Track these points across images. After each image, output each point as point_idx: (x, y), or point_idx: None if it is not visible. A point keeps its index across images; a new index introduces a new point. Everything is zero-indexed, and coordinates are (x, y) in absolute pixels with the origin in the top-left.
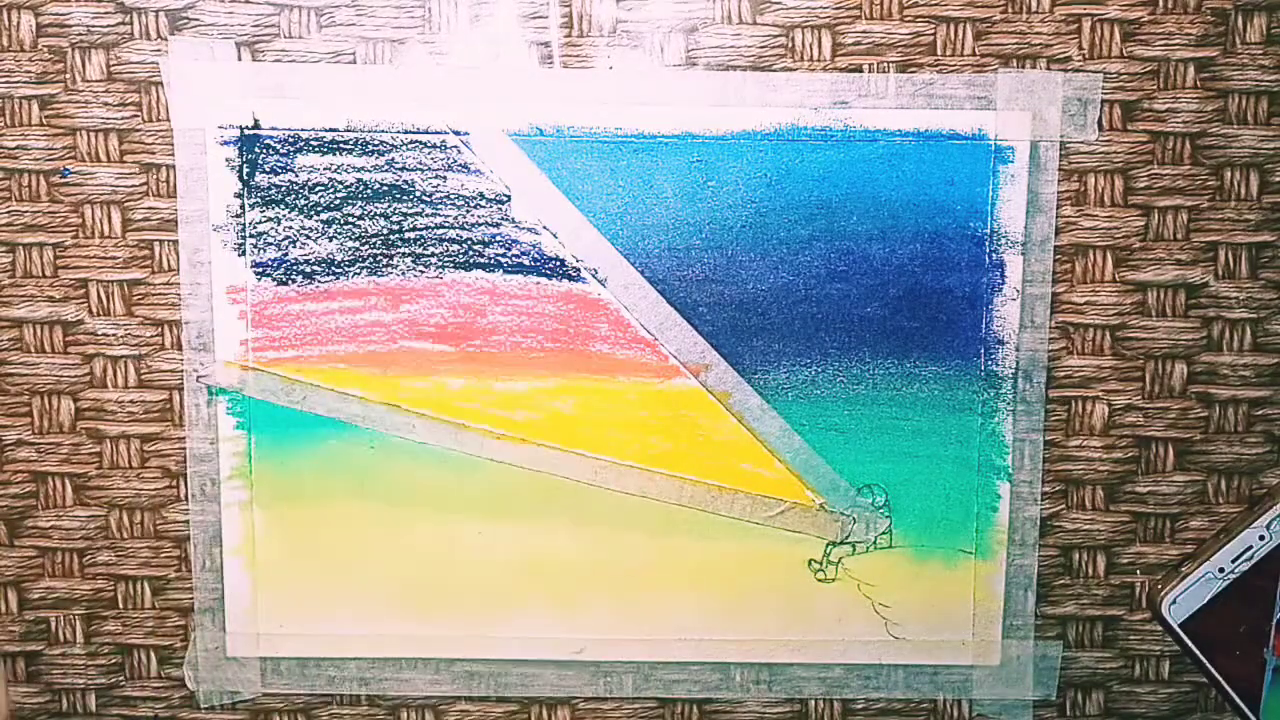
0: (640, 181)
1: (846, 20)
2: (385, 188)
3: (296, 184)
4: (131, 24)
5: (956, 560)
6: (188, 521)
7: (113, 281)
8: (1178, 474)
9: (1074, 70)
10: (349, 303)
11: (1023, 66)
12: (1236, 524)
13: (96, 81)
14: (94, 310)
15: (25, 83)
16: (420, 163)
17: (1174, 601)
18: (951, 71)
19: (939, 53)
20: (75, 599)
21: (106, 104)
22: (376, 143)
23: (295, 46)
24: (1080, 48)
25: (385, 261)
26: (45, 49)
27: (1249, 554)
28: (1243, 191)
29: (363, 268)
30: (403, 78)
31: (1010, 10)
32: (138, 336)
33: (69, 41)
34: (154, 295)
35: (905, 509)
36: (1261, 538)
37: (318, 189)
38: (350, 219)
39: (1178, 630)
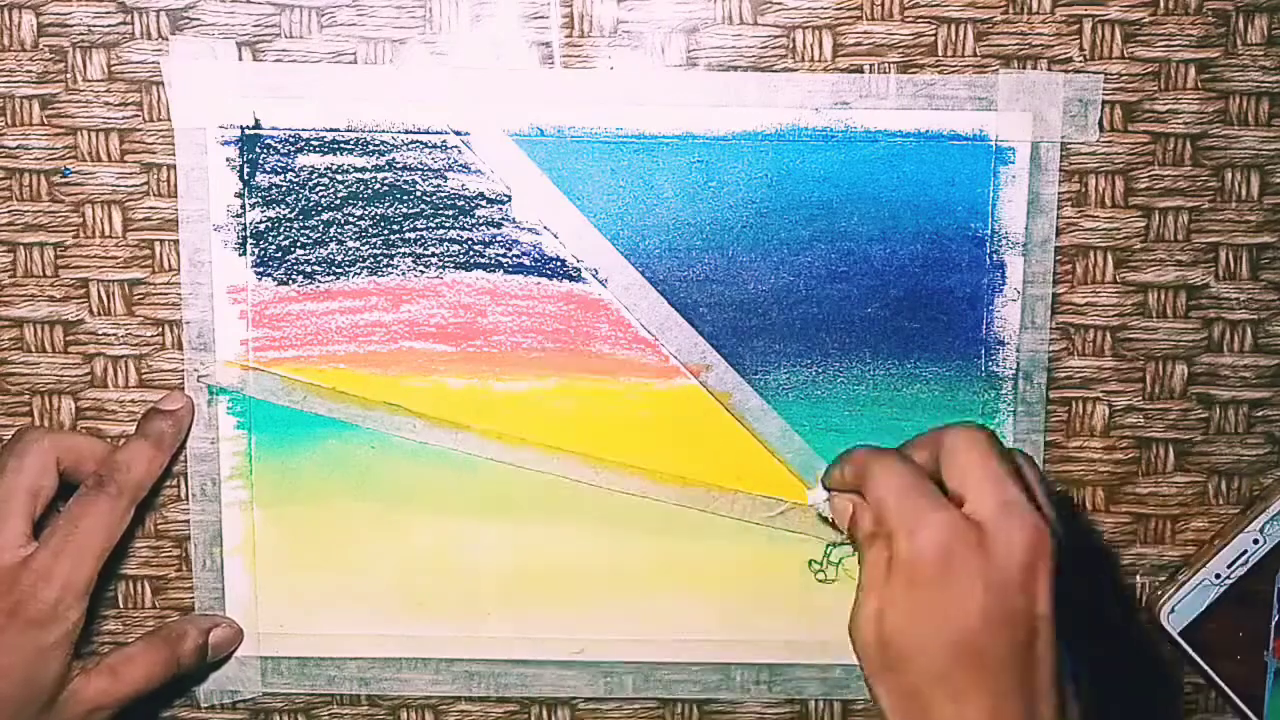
0: (641, 182)
1: (847, 21)
2: (386, 188)
3: (297, 184)
4: (132, 24)
5: None
6: (188, 521)
7: (113, 281)
8: (1178, 475)
9: (1075, 71)
10: (349, 303)
11: (1024, 67)
12: (1230, 528)
13: (97, 81)
14: (94, 310)
15: (26, 82)
16: (421, 163)
17: (1172, 610)
18: (952, 72)
19: (940, 53)
20: None
21: (107, 104)
22: (377, 143)
23: (296, 46)
24: (1081, 49)
25: (386, 261)
26: (46, 49)
27: (1244, 558)
28: (1244, 193)
29: (363, 268)
30: (403, 78)
31: (1011, 11)
32: (138, 336)
33: (70, 41)
34: (154, 295)
35: None
36: (1256, 541)
37: (318, 189)
38: (351, 219)
39: (1178, 639)
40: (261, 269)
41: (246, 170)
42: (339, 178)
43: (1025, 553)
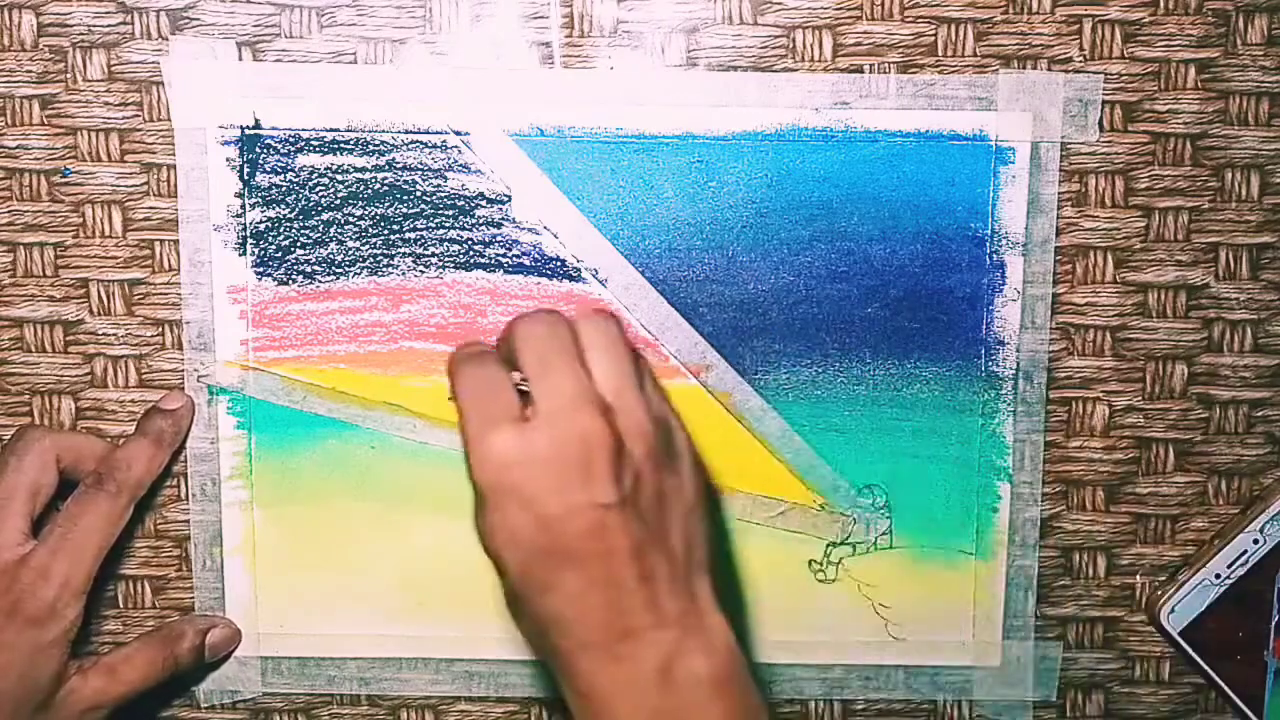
0: (641, 182)
1: (847, 21)
2: (386, 188)
3: (297, 184)
4: (132, 24)
5: (956, 561)
6: (188, 521)
7: (113, 281)
8: (1178, 475)
9: (1075, 71)
10: (349, 303)
11: (1024, 67)
12: (1230, 529)
13: (97, 81)
14: (94, 310)
15: (26, 82)
16: (421, 163)
17: (1172, 610)
18: (952, 72)
19: (940, 53)
20: None
21: (107, 104)
22: (377, 143)
23: (296, 46)
24: (1081, 49)
25: (386, 261)
26: (46, 49)
27: (1244, 558)
28: (1244, 193)
29: (363, 268)
30: (403, 78)
31: (1011, 11)
32: (138, 336)
33: (70, 41)
34: (154, 295)
35: (905, 509)
36: (1256, 541)
37: (318, 189)
38: (351, 219)
39: (1178, 639)
40: (261, 269)
41: (246, 170)
42: (339, 178)
43: (577, 446)
